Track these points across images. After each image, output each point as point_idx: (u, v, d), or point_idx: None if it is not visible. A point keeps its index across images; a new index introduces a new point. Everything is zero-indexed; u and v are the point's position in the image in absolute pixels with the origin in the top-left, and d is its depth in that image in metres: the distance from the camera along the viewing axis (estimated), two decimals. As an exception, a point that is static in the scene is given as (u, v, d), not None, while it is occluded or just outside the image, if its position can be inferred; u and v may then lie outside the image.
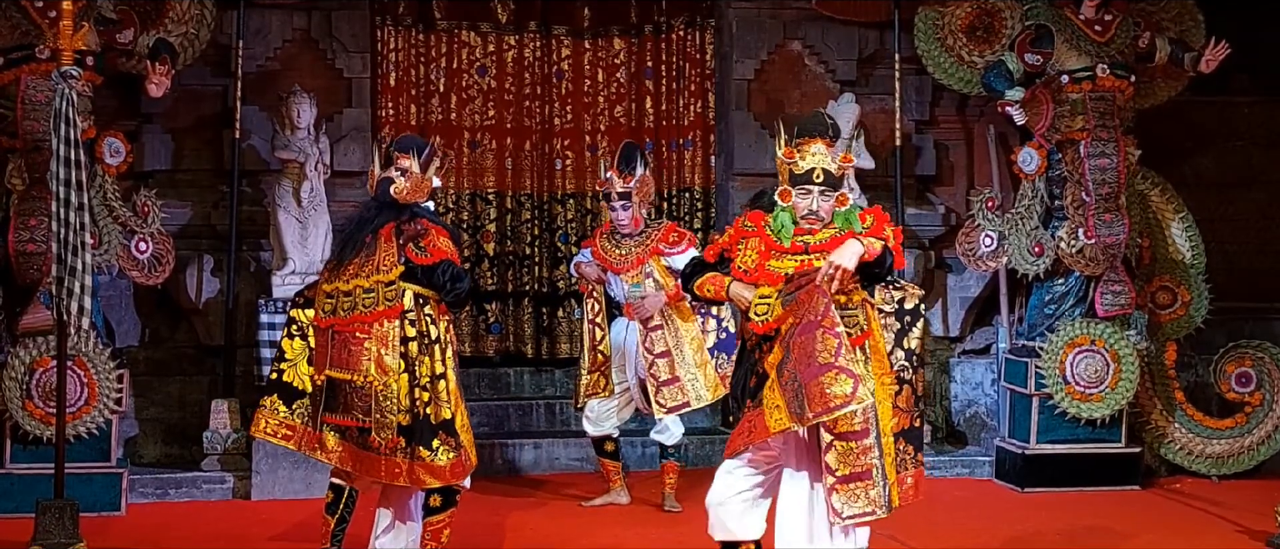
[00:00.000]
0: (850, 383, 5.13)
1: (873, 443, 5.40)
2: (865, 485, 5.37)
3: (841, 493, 5.37)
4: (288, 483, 8.57)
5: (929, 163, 10.00)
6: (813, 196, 5.50)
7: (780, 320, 5.38)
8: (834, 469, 5.38)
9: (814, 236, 5.52)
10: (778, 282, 5.46)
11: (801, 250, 5.52)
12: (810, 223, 5.52)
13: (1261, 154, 10.42)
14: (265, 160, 9.17)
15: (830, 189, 5.51)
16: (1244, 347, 9.24)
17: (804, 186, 5.51)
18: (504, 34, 10.23)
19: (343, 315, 6.22)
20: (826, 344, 5.16)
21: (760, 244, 5.57)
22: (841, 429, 5.36)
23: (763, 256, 5.54)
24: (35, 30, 7.97)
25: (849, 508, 5.39)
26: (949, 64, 9.39)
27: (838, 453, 5.37)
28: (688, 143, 10.29)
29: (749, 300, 5.48)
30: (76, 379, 7.89)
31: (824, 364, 5.15)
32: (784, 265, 5.50)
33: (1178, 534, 7.75)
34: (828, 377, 5.14)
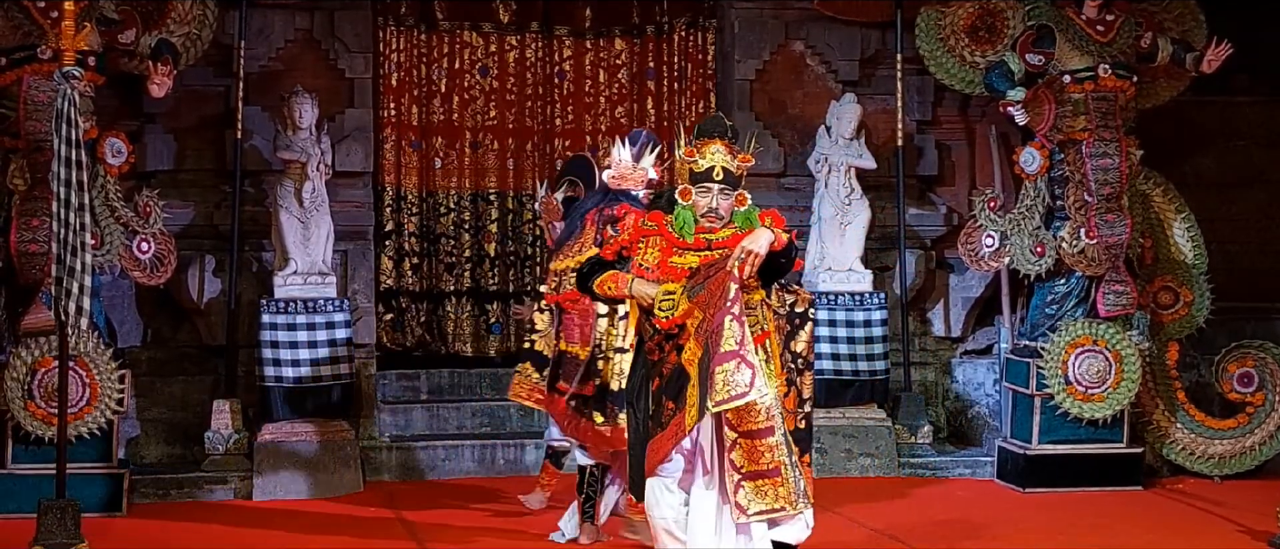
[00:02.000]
0: (748, 373, 5.18)
1: (779, 441, 5.46)
2: (773, 482, 5.44)
3: (748, 489, 5.44)
4: (289, 483, 8.57)
5: (931, 163, 10.00)
6: (712, 195, 5.63)
7: (686, 315, 5.41)
8: (738, 466, 5.44)
9: (715, 234, 5.63)
10: (681, 277, 5.54)
11: (704, 246, 5.62)
12: (711, 221, 5.64)
13: (1263, 154, 10.42)
14: (267, 160, 9.17)
15: (729, 188, 5.65)
16: (1246, 346, 9.24)
17: (704, 185, 5.64)
18: (506, 34, 10.22)
19: (562, 292, 7.09)
20: (732, 331, 5.21)
21: (662, 241, 5.67)
22: (746, 427, 5.42)
23: (665, 253, 5.64)
24: (37, 30, 7.97)
25: (755, 504, 5.45)
26: (951, 64, 9.39)
27: (743, 450, 5.44)
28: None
29: (653, 296, 5.55)
30: (78, 379, 7.89)
31: (727, 352, 5.20)
32: (686, 261, 5.60)
33: (1179, 534, 7.74)
34: (729, 365, 5.19)
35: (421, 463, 9.19)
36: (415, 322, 10.03)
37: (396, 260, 9.96)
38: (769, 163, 9.77)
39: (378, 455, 9.13)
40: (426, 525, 7.87)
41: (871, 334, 9.35)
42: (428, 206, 10.12)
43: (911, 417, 9.45)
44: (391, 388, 9.67)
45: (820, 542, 6.01)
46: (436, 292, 10.13)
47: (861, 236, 9.50)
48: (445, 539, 7.62)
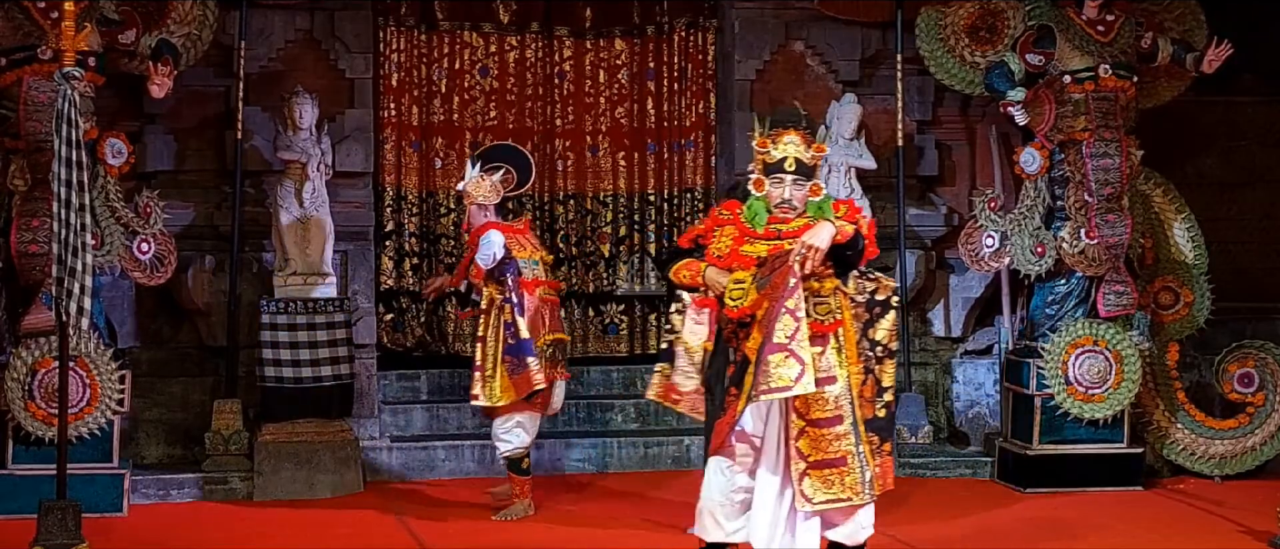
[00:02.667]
0: (797, 368, 5.18)
1: (847, 430, 5.45)
2: (840, 472, 5.43)
3: (812, 479, 5.43)
4: (290, 484, 8.58)
5: (931, 163, 10.00)
6: (785, 185, 5.63)
7: (755, 305, 5.42)
8: (805, 455, 5.43)
9: (787, 224, 5.62)
10: (751, 265, 5.56)
11: (775, 237, 5.62)
12: (784, 211, 5.64)
13: (1264, 154, 10.41)
14: (268, 161, 9.17)
15: (803, 178, 5.64)
16: (1246, 347, 9.24)
17: (777, 175, 5.64)
18: (506, 35, 10.22)
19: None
20: (785, 325, 5.22)
21: (734, 231, 5.68)
22: (813, 416, 5.42)
23: (736, 242, 5.65)
24: (37, 31, 7.98)
25: (820, 494, 5.44)
26: (951, 64, 9.38)
27: (810, 438, 5.44)
28: (690, 144, 10.29)
29: (724, 285, 5.55)
30: (78, 380, 7.90)
31: (778, 344, 5.20)
32: (757, 250, 5.61)
33: (1180, 535, 7.74)
34: (777, 357, 5.19)
35: (421, 463, 9.19)
36: (415, 322, 10.03)
37: (396, 261, 9.96)
38: (769, 163, 9.77)
39: (378, 455, 9.13)
40: (426, 525, 7.87)
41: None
42: (428, 207, 10.12)
43: (911, 417, 9.44)
44: (391, 388, 9.67)
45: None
46: (437, 292, 10.13)
47: (862, 237, 9.49)
48: (445, 539, 7.62)
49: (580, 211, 10.34)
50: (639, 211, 10.34)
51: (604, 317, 10.35)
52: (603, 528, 7.85)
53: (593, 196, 10.32)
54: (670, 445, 9.50)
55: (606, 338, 10.36)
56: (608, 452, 9.41)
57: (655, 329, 10.34)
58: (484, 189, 8.16)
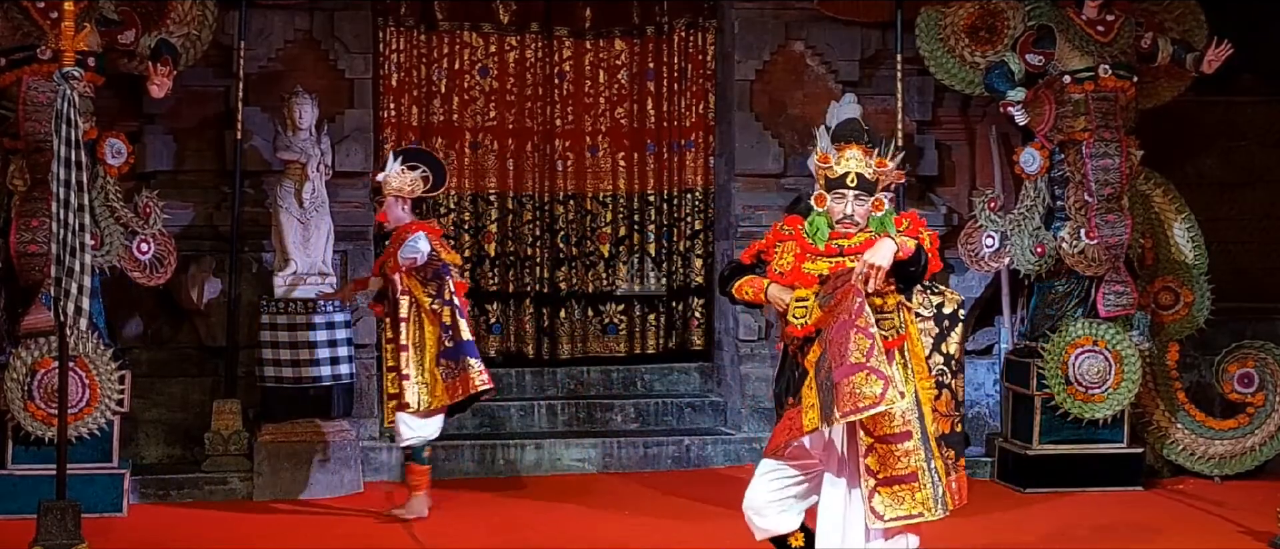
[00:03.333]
0: (880, 384, 5.12)
1: (917, 445, 5.40)
2: (910, 488, 5.38)
3: (883, 495, 5.38)
4: (290, 484, 8.57)
5: (931, 163, 10.00)
6: (847, 200, 5.58)
7: (820, 322, 5.39)
8: (874, 471, 5.39)
9: (848, 240, 5.59)
10: (813, 283, 5.52)
11: (836, 253, 5.58)
12: (845, 227, 5.60)
13: (1264, 154, 10.41)
14: (267, 161, 9.17)
15: (865, 194, 5.59)
16: (1246, 347, 9.24)
17: (839, 191, 5.60)
18: (505, 35, 10.23)
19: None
20: (860, 344, 5.16)
21: (796, 247, 5.64)
22: (882, 431, 5.37)
23: (798, 259, 5.61)
24: (37, 31, 7.98)
25: (892, 511, 5.39)
26: (951, 64, 9.38)
27: (878, 455, 5.39)
28: (689, 144, 10.29)
29: (787, 302, 5.54)
30: (78, 380, 7.90)
31: (855, 364, 5.14)
32: (819, 267, 5.57)
33: (1180, 535, 7.74)
34: (858, 377, 5.14)
35: (421, 463, 9.18)
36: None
37: (396, 261, 9.95)
38: (769, 163, 9.79)
39: (378, 455, 9.13)
40: (426, 525, 7.87)
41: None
42: (427, 207, 10.11)
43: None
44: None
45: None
46: (436, 292, 10.12)
47: (862, 237, 9.49)
48: (445, 539, 7.62)
49: (580, 212, 10.35)
50: (639, 212, 10.34)
51: (603, 316, 10.36)
52: (603, 528, 7.85)
53: (592, 197, 10.32)
54: (670, 445, 9.50)
55: (606, 338, 10.36)
56: (608, 452, 9.41)
57: (654, 329, 10.35)
58: (406, 181, 8.08)
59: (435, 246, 7.99)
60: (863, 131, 5.73)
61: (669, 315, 10.37)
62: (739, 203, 9.77)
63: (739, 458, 9.37)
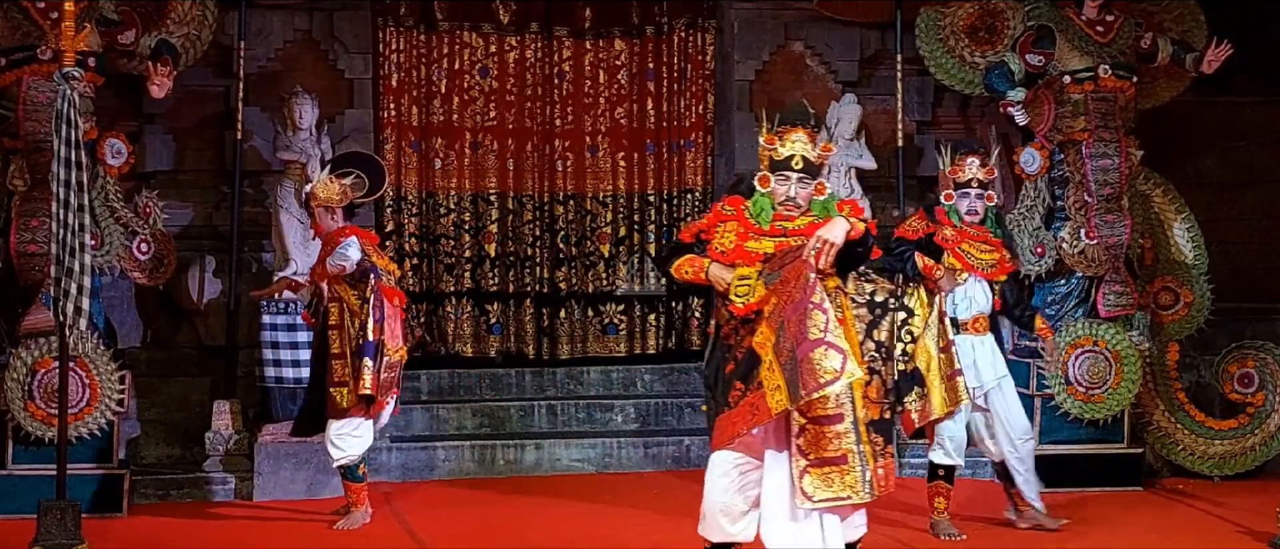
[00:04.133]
0: (839, 358, 5.16)
1: (848, 428, 5.43)
2: (840, 470, 5.41)
3: (813, 476, 5.41)
4: (289, 484, 8.57)
5: (931, 163, 9.98)
6: (791, 183, 5.61)
7: (762, 301, 5.40)
8: (806, 452, 5.41)
9: (791, 222, 5.60)
10: (755, 262, 5.51)
11: (780, 234, 5.59)
12: (788, 209, 5.62)
13: (1264, 154, 10.41)
14: (267, 161, 9.18)
15: (809, 176, 5.62)
16: (1246, 347, 9.24)
17: (783, 173, 5.62)
18: (505, 35, 10.23)
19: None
20: (816, 320, 5.18)
21: (738, 227, 5.64)
22: (815, 413, 5.40)
23: (741, 238, 5.61)
24: (37, 31, 7.98)
25: (820, 492, 5.42)
26: (951, 65, 9.39)
27: (810, 436, 5.42)
28: (689, 144, 10.29)
29: (728, 281, 5.53)
30: (78, 380, 7.89)
31: (814, 340, 5.17)
32: (762, 246, 5.57)
33: (1180, 535, 7.74)
34: (818, 353, 5.16)
35: (421, 463, 9.19)
36: (415, 322, 10.03)
37: (397, 261, 9.94)
38: (769, 163, 9.78)
39: (377, 456, 9.12)
40: (425, 525, 7.87)
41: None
42: (427, 207, 10.13)
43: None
44: (392, 388, 9.67)
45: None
46: (436, 292, 10.14)
47: (862, 237, 9.49)
48: (445, 539, 7.62)
49: (580, 212, 10.35)
50: (639, 212, 10.35)
51: (603, 317, 10.36)
52: (603, 528, 7.85)
53: (592, 197, 10.32)
54: (670, 445, 9.50)
55: (605, 338, 10.36)
56: (608, 452, 9.41)
57: (654, 329, 10.35)
58: (333, 191, 7.77)
59: (367, 252, 7.74)
60: (809, 115, 5.74)
61: (669, 315, 10.37)
62: (739, 203, 9.76)
63: (739, 458, 9.36)
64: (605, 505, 8.39)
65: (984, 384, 7.48)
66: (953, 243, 7.45)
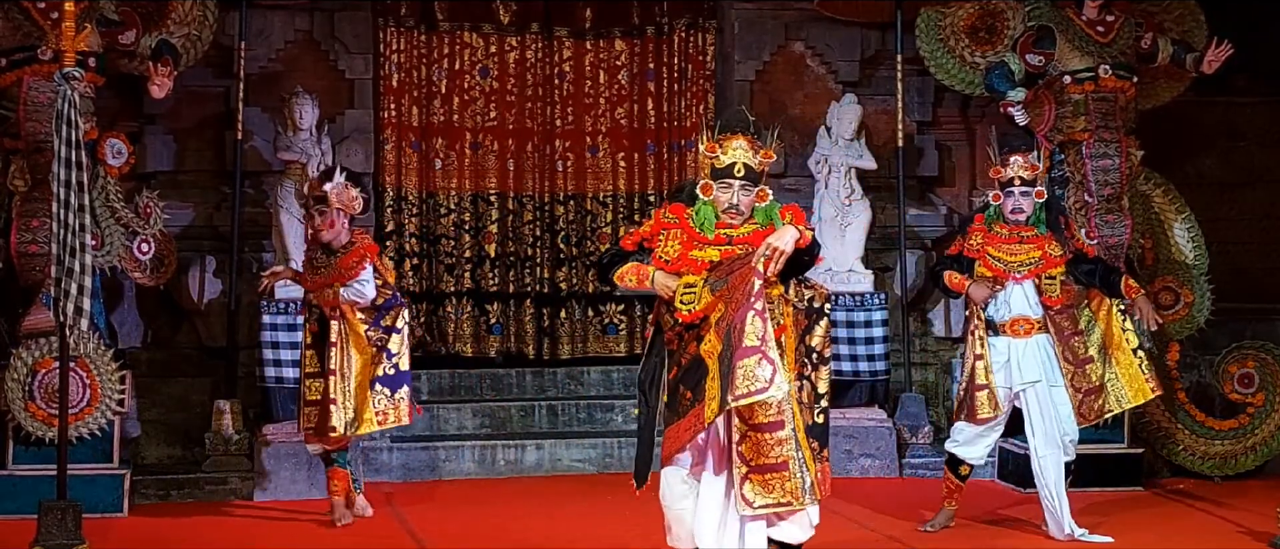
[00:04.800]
0: (769, 369, 5.16)
1: (789, 435, 5.45)
2: (780, 477, 5.43)
3: (754, 483, 5.43)
4: (290, 484, 8.58)
5: (931, 163, 10.00)
6: (733, 190, 5.60)
7: (708, 308, 5.41)
8: (747, 459, 5.44)
9: (736, 230, 5.61)
10: (701, 270, 5.52)
11: (724, 242, 5.60)
12: (731, 216, 5.62)
13: (1264, 154, 10.42)
14: (268, 161, 9.18)
15: (750, 184, 5.61)
16: (1246, 347, 9.24)
17: (725, 180, 5.61)
18: (506, 35, 10.23)
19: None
20: (754, 328, 5.19)
21: (682, 234, 5.64)
22: (757, 420, 5.41)
23: (685, 246, 5.62)
24: (37, 31, 7.98)
25: (761, 498, 5.45)
26: (951, 65, 9.39)
27: (751, 443, 5.44)
28: (690, 144, 10.29)
29: (674, 289, 5.53)
30: (79, 380, 7.89)
31: (749, 347, 5.17)
32: (707, 255, 5.58)
33: (1180, 535, 7.74)
34: (750, 361, 5.17)
35: (422, 463, 9.19)
36: (416, 322, 10.03)
37: (397, 261, 9.96)
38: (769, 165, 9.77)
39: (378, 456, 9.13)
40: (426, 525, 7.87)
41: (872, 335, 9.35)
42: (428, 207, 10.13)
43: (912, 417, 9.44)
44: (392, 389, 9.67)
45: (820, 542, 6.00)
46: (437, 292, 10.14)
47: (862, 237, 9.50)
48: (445, 539, 7.62)
49: (580, 212, 10.35)
50: (639, 212, 10.35)
51: (603, 317, 10.36)
52: (603, 528, 7.85)
53: (593, 197, 10.33)
54: (670, 446, 9.49)
55: (605, 338, 10.36)
56: (608, 452, 9.41)
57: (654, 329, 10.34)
58: (351, 198, 7.74)
59: (377, 266, 7.76)
60: (749, 122, 5.73)
61: (669, 316, 10.36)
62: (739, 203, 9.76)
63: (739, 458, 9.37)
64: (605, 506, 8.39)
65: (1011, 385, 7.47)
66: (981, 252, 7.44)
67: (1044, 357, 7.47)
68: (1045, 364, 7.47)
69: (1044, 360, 7.47)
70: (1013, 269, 7.47)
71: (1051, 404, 7.47)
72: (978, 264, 7.48)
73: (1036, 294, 7.48)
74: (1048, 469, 7.47)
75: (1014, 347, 7.46)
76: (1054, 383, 7.48)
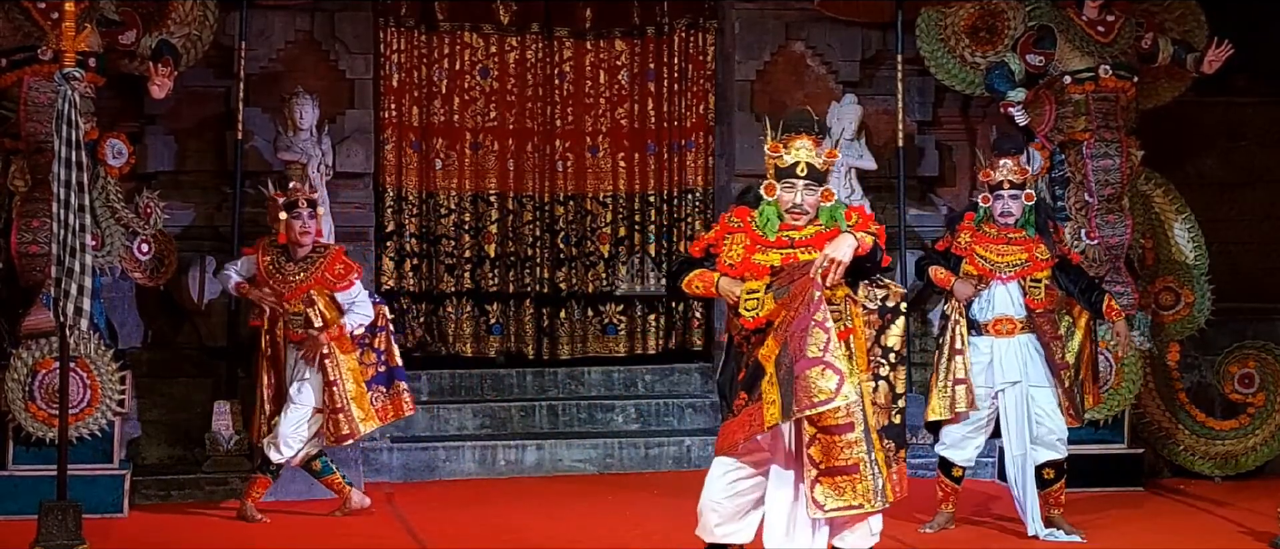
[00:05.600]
0: (835, 378, 5.15)
1: (859, 437, 5.42)
2: (852, 480, 5.40)
3: (825, 485, 5.40)
4: (289, 485, 8.56)
5: (932, 163, 10.00)
6: (797, 190, 5.57)
7: (771, 315, 5.40)
8: (817, 462, 5.41)
9: (799, 232, 5.58)
10: (763, 275, 5.51)
11: (787, 245, 5.56)
12: (795, 217, 5.58)
13: (1265, 154, 10.41)
14: (268, 161, 9.18)
15: (815, 184, 5.57)
16: (1247, 347, 9.24)
17: (789, 180, 5.58)
18: (506, 35, 10.23)
19: None
20: (816, 339, 5.18)
21: (746, 238, 5.62)
22: (826, 422, 5.39)
23: (748, 250, 5.59)
24: (38, 31, 7.98)
25: (832, 501, 5.42)
26: (951, 65, 9.38)
27: (822, 446, 5.41)
28: (690, 144, 10.29)
29: (737, 295, 5.52)
30: (79, 381, 7.89)
31: (812, 358, 5.17)
32: (769, 259, 5.55)
33: (1180, 535, 7.74)
34: (814, 371, 5.16)
35: (422, 463, 9.20)
36: (416, 322, 10.04)
37: (397, 261, 9.97)
38: (769, 163, 9.78)
39: (378, 456, 9.14)
40: (426, 525, 7.87)
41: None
42: (428, 207, 10.13)
43: (912, 417, 9.40)
44: (392, 389, 9.67)
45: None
46: (437, 292, 10.14)
47: (862, 237, 9.49)
48: (445, 539, 7.62)
49: (580, 212, 10.35)
50: (639, 212, 10.35)
51: (603, 317, 10.36)
52: (603, 528, 7.85)
53: (592, 197, 10.32)
54: (670, 446, 9.50)
55: (605, 338, 10.36)
56: (608, 452, 9.42)
57: (654, 329, 10.35)
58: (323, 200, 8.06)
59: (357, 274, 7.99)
60: (813, 121, 5.69)
61: (669, 316, 10.37)
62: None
63: (739, 458, 9.37)
64: (606, 506, 8.39)
65: (994, 385, 7.48)
66: (969, 250, 7.46)
67: (1027, 357, 7.49)
68: (1027, 365, 7.49)
69: (1027, 361, 7.49)
70: (999, 269, 7.49)
71: (1027, 405, 7.50)
72: (964, 262, 7.50)
73: (1021, 295, 7.50)
74: (1018, 469, 7.48)
75: (996, 346, 7.48)
76: (1036, 383, 7.50)
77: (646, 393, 10.04)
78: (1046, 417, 7.52)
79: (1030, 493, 7.51)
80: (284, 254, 7.93)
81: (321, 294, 7.90)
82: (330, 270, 7.88)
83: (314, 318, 7.86)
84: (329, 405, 7.86)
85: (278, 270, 7.91)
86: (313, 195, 8.05)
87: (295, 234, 7.88)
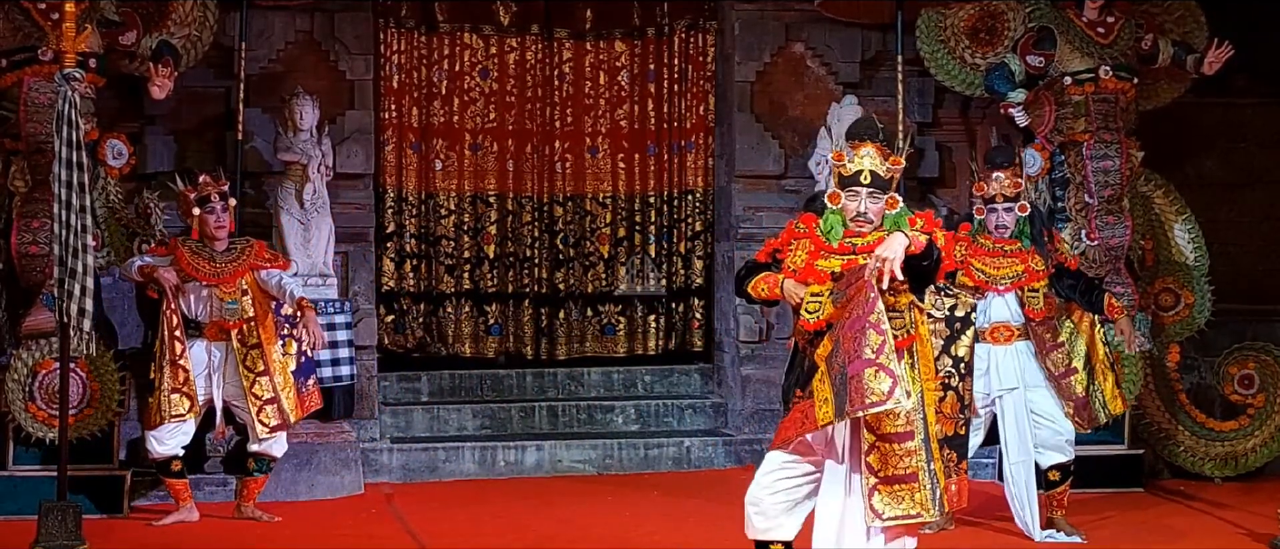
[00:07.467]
0: (888, 381, 5.12)
1: (919, 446, 5.40)
2: (910, 488, 5.37)
3: (883, 494, 5.38)
4: (289, 485, 8.57)
5: (932, 164, 10.00)
6: (861, 198, 5.56)
7: (832, 318, 5.40)
8: (876, 470, 5.39)
9: (862, 238, 5.57)
10: (826, 280, 5.51)
11: (850, 251, 5.57)
12: (859, 225, 5.58)
13: (1265, 155, 10.41)
14: (268, 162, 9.18)
15: (879, 191, 5.57)
16: (1247, 348, 9.24)
17: (852, 189, 5.57)
18: (506, 36, 10.23)
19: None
20: (871, 341, 5.16)
21: (810, 244, 5.63)
22: (885, 430, 5.37)
23: (812, 256, 5.60)
24: (38, 32, 7.98)
25: (891, 509, 5.39)
26: (951, 66, 9.38)
27: (880, 453, 5.38)
28: (690, 145, 10.30)
29: (800, 297, 5.53)
30: (79, 381, 7.89)
31: (866, 360, 5.15)
32: (831, 264, 5.56)
33: (1180, 536, 7.74)
34: (868, 373, 5.14)
35: (422, 464, 9.20)
36: (416, 323, 10.04)
37: (397, 262, 9.97)
38: (769, 164, 9.79)
39: (378, 456, 9.14)
40: (426, 526, 7.87)
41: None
42: (428, 208, 10.13)
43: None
44: (392, 389, 9.68)
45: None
46: (436, 293, 10.15)
47: (862, 238, 9.50)
48: (445, 539, 7.62)
49: (579, 213, 10.35)
50: (639, 213, 10.35)
51: (602, 317, 10.36)
52: (603, 529, 7.85)
53: (592, 198, 10.32)
54: (670, 447, 9.51)
55: (604, 338, 10.37)
56: (608, 452, 9.42)
57: (654, 330, 10.36)
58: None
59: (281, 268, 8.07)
60: (877, 129, 5.69)
61: (669, 316, 10.38)
62: (739, 204, 9.77)
63: (740, 459, 9.38)
64: (605, 507, 8.39)
65: (991, 392, 7.49)
66: (965, 263, 7.46)
67: (1023, 362, 7.50)
68: (1023, 370, 7.49)
69: (1023, 366, 7.49)
70: (996, 282, 7.49)
71: (1026, 411, 7.50)
72: (961, 274, 7.49)
73: (1019, 305, 7.51)
74: (1018, 476, 7.49)
75: (994, 353, 7.49)
76: (1033, 385, 7.50)
77: (646, 393, 10.05)
78: (1049, 419, 7.52)
79: (1032, 499, 7.50)
80: (204, 249, 7.93)
81: (252, 285, 7.91)
82: (260, 256, 7.99)
83: (247, 308, 7.86)
84: (257, 397, 7.81)
85: (209, 261, 7.90)
86: (224, 188, 8.03)
87: (210, 229, 7.90)
